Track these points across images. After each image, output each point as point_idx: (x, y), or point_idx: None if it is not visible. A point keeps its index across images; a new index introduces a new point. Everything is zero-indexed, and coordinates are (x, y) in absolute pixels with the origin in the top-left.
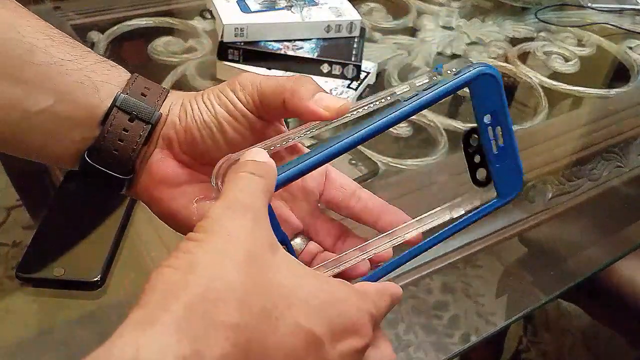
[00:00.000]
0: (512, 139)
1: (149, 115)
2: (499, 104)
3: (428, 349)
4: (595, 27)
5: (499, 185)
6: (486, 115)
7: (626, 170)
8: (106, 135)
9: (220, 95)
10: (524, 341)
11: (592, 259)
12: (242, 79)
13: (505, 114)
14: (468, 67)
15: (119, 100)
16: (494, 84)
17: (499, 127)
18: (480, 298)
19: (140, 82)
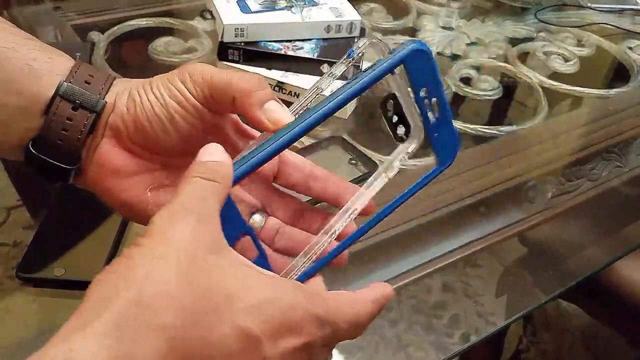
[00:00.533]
0: (446, 109)
1: (93, 104)
2: (432, 78)
3: (428, 349)
4: (595, 28)
5: (439, 153)
6: (422, 89)
7: (626, 170)
8: (50, 125)
9: (170, 86)
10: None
11: (591, 258)
12: (192, 70)
13: (438, 87)
14: (402, 46)
15: (62, 88)
16: (426, 59)
17: (434, 98)
18: (480, 298)
19: (84, 70)
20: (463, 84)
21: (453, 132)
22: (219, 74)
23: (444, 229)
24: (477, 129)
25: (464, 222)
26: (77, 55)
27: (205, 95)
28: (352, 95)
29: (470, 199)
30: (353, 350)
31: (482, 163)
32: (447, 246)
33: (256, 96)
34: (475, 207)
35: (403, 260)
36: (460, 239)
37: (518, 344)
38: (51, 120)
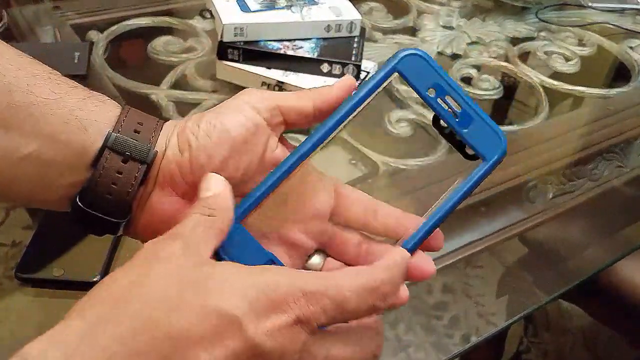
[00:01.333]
0: (467, 101)
1: (144, 155)
2: (436, 76)
3: (428, 350)
4: (596, 27)
5: (479, 148)
6: (429, 90)
7: (627, 171)
8: (98, 178)
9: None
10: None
11: (592, 259)
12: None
13: (447, 82)
14: (391, 58)
15: (110, 139)
16: (420, 61)
17: (447, 96)
18: (480, 298)
19: (133, 117)
20: (464, 83)
21: (488, 123)
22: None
23: (444, 229)
24: None
25: (465, 222)
26: (76, 55)
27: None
28: (352, 108)
29: (471, 199)
30: None
31: None
32: (447, 246)
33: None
34: (476, 207)
35: None
36: (461, 239)
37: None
38: (100, 173)
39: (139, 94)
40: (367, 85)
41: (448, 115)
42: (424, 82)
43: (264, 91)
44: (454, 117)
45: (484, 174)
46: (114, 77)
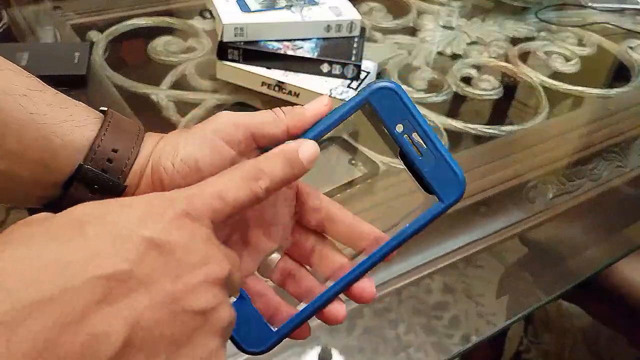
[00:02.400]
0: (433, 140)
1: (113, 189)
2: (406, 112)
3: (428, 350)
4: (596, 27)
5: (438, 189)
6: (397, 126)
7: (627, 170)
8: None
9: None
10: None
11: (592, 259)
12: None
13: (416, 119)
14: (366, 87)
15: (80, 171)
16: (391, 95)
17: (414, 132)
18: (480, 298)
19: (109, 142)
20: (464, 83)
21: (450, 165)
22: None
23: (444, 229)
24: (477, 128)
25: (465, 222)
26: (76, 55)
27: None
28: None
29: (471, 199)
30: (353, 351)
31: (483, 163)
32: (447, 246)
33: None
34: (476, 207)
35: (403, 260)
36: (461, 239)
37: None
38: (68, 201)
39: (139, 94)
40: (337, 113)
41: (412, 152)
42: (393, 116)
43: (238, 117)
44: (418, 155)
45: (437, 215)
46: (114, 77)
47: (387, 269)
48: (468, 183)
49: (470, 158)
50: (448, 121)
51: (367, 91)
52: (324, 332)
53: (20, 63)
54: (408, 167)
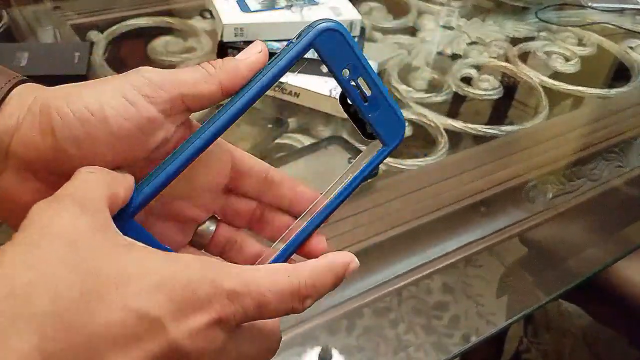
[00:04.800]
0: (377, 86)
1: None
2: (352, 56)
3: (428, 350)
4: (596, 27)
5: (382, 134)
6: (344, 70)
7: (627, 170)
8: None
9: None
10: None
11: (592, 259)
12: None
13: (362, 64)
14: (308, 28)
15: None
16: (338, 37)
17: (360, 78)
18: (480, 298)
19: None
20: (464, 83)
21: (393, 110)
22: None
23: (444, 229)
24: (477, 128)
25: (465, 222)
26: (76, 55)
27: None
28: (262, 90)
29: (471, 199)
30: (353, 351)
31: (483, 163)
32: (447, 246)
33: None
34: (476, 207)
35: (403, 260)
36: (461, 239)
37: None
38: None
39: None
40: (280, 61)
41: (358, 97)
42: (339, 60)
43: (163, 74)
44: (363, 101)
45: (383, 159)
46: None
47: (386, 268)
48: (468, 183)
49: (470, 158)
50: (448, 121)
51: (312, 34)
52: (324, 332)
53: (20, 63)
54: (349, 113)
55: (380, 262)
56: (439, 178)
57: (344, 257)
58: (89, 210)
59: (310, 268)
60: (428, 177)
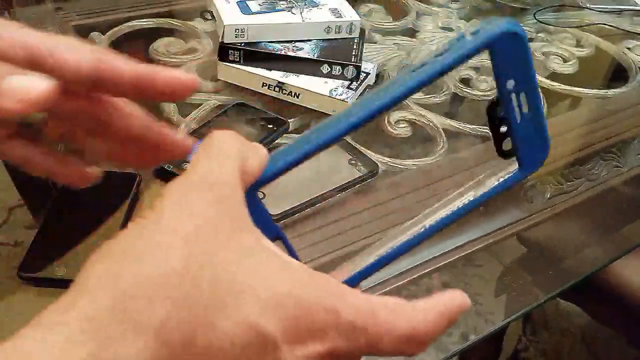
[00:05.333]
0: (538, 106)
1: None
2: (524, 67)
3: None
4: (594, 28)
5: (522, 156)
6: (509, 81)
7: (624, 170)
8: None
9: None
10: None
11: (591, 258)
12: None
13: (531, 79)
14: (488, 25)
15: None
16: (519, 44)
17: (523, 93)
18: (479, 297)
19: None
20: (462, 84)
21: (544, 134)
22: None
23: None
24: (476, 129)
25: (463, 221)
26: None
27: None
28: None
29: None
30: None
31: (481, 163)
32: (446, 245)
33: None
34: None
35: (402, 259)
36: (460, 238)
37: (517, 344)
38: None
39: None
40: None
41: (513, 112)
42: (510, 68)
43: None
44: (517, 118)
45: (516, 182)
46: None
47: (386, 267)
48: (468, 182)
49: (469, 158)
50: (447, 122)
51: (495, 34)
52: None
53: None
54: (493, 125)
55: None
56: (438, 178)
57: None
58: (223, 199)
59: (431, 313)
60: (427, 177)
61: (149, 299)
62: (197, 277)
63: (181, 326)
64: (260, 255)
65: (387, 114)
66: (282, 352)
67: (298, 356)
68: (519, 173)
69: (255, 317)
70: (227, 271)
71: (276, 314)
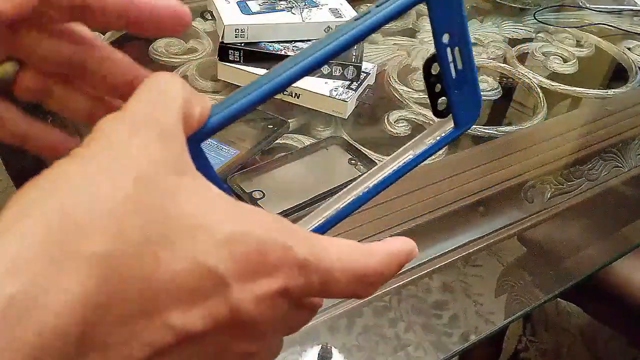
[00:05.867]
0: (471, 62)
1: None
2: (459, 21)
3: (427, 348)
4: (594, 28)
5: (457, 113)
6: (445, 34)
7: (624, 171)
8: None
9: None
10: (523, 340)
11: (590, 258)
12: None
13: (464, 33)
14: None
15: None
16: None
17: (457, 47)
18: (479, 297)
19: None
20: None
21: (476, 91)
22: None
23: (443, 228)
24: (476, 129)
25: (464, 221)
26: None
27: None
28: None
29: (470, 198)
30: (352, 349)
31: (481, 163)
32: (446, 246)
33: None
34: (475, 206)
35: None
36: (460, 238)
37: (517, 344)
38: None
39: None
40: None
41: (449, 66)
42: (445, 22)
43: None
44: (452, 73)
45: (452, 139)
46: None
47: None
48: (467, 183)
49: (469, 158)
50: None
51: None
52: (324, 331)
53: None
54: (428, 82)
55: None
56: (438, 178)
57: (408, 247)
58: (165, 138)
59: (383, 253)
60: (427, 176)
61: (88, 230)
62: (143, 209)
63: (124, 260)
64: (209, 193)
65: (387, 113)
66: (233, 290)
67: (249, 294)
68: (454, 131)
69: (204, 255)
70: (176, 206)
71: (226, 251)
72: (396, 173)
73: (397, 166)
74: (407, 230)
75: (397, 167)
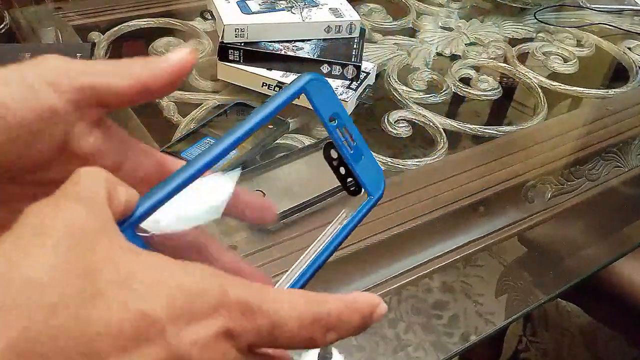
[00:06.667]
0: (359, 135)
1: None
2: (336, 103)
3: (428, 349)
4: (594, 28)
5: (367, 184)
6: (330, 118)
7: (625, 170)
8: None
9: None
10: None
11: (591, 258)
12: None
13: (344, 112)
14: (297, 78)
15: None
16: (324, 87)
17: (344, 127)
18: (479, 297)
19: None
20: (462, 84)
21: (373, 160)
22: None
23: (443, 228)
24: (476, 129)
25: (464, 221)
26: (77, 56)
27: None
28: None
29: (470, 198)
30: (352, 350)
31: (482, 163)
32: (446, 246)
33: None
34: (475, 207)
35: (403, 259)
36: (460, 238)
37: (517, 344)
38: None
39: None
40: (274, 102)
41: (344, 146)
42: (326, 108)
43: (71, 62)
44: (349, 150)
45: (368, 210)
46: None
47: (386, 267)
48: (467, 183)
49: (469, 158)
50: (447, 121)
51: (304, 80)
52: None
53: None
54: (333, 167)
55: (379, 262)
56: (438, 178)
57: (372, 299)
58: (94, 210)
59: (337, 300)
60: (427, 177)
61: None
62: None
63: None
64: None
65: (387, 113)
66: (169, 334)
67: (188, 337)
68: (368, 202)
69: (138, 300)
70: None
71: (160, 295)
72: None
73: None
74: (407, 230)
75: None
